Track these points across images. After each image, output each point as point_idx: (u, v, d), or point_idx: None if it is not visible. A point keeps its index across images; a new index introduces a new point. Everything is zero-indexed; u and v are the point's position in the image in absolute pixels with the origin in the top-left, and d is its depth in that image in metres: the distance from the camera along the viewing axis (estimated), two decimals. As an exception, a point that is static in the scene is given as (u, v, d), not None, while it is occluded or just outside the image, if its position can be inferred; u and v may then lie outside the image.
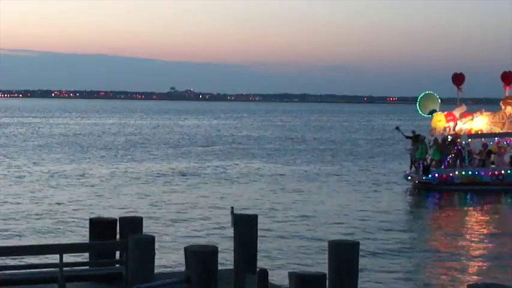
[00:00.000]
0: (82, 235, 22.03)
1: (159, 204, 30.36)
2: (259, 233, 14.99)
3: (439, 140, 36.18)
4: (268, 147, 64.75)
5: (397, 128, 39.00)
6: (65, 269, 12.72)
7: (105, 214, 25.99)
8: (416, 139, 36.43)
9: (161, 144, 65.78)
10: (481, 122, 36.88)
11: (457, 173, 35.56)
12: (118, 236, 14.27)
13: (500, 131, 36.69)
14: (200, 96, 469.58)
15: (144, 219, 14.84)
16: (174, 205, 30.13)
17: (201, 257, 12.31)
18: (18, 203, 29.81)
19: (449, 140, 36.13)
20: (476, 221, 28.81)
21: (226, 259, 16.32)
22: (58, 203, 29.95)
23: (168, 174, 41.28)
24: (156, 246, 13.21)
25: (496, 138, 37.04)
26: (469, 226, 27.69)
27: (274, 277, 15.60)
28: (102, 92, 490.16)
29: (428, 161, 36.13)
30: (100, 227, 14.33)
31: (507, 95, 37.70)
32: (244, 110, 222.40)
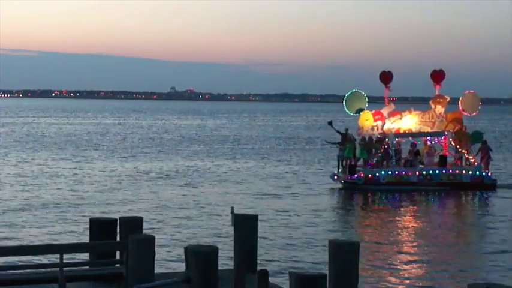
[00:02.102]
0: (82, 235, 22.03)
1: (159, 204, 30.34)
2: (259, 233, 15.02)
3: (366, 139, 35.57)
4: (268, 146, 64.74)
5: (329, 122, 37.80)
6: (65, 269, 12.73)
7: (105, 214, 26.00)
8: (345, 138, 35.67)
9: (161, 144, 65.76)
10: (409, 121, 36.24)
11: (383, 172, 35.03)
12: (118, 236, 14.27)
13: (430, 131, 36.17)
14: (200, 96, 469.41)
15: (144, 219, 14.84)
16: (174, 205, 30.12)
17: (201, 257, 12.32)
18: (18, 203, 29.79)
19: (376, 139, 35.55)
20: (396, 221, 27.83)
21: (226, 259, 16.32)
22: (58, 203, 29.94)
23: (168, 174, 41.25)
24: (156, 246, 13.20)
25: (427, 138, 36.54)
26: (388, 227, 26.68)
27: (274, 277, 15.61)
28: (102, 92, 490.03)
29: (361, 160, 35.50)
30: (100, 227, 14.34)
31: (437, 94, 36.96)
32: (243, 110, 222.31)
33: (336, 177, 36.14)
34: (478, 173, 35.61)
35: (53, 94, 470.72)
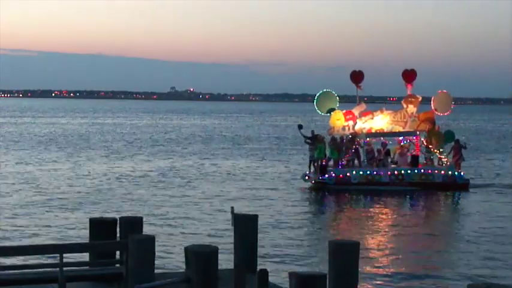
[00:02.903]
0: (82, 235, 22.02)
1: (159, 204, 30.34)
2: (259, 233, 15.02)
3: (337, 139, 35.38)
4: (268, 146, 64.76)
5: (299, 126, 37.30)
6: (65, 269, 12.72)
7: (105, 214, 26.00)
8: (315, 139, 35.43)
9: (161, 144, 65.77)
10: (381, 121, 35.95)
11: (354, 172, 34.76)
12: (118, 236, 14.27)
13: (402, 130, 35.85)
14: (200, 96, 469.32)
15: (144, 219, 14.84)
16: (174, 205, 30.12)
17: (201, 257, 12.32)
18: (17, 203, 29.79)
19: (347, 138, 35.33)
20: (365, 222, 27.39)
21: (226, 259, 16.31)
22: (58, 203, 29.94)
23: (168, 173, 41.26)
24: (156, 246, 13.20)
25: (399, 138, 36.15)
26: (352, 227, 26.44)
27: (274, 277, 15.59)
28: (102, 92, 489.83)
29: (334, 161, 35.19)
30: (100, 227, 14.34)
31: (408, 93, 36.67)
32: (243, 110, 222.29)
33: (307, 177, 35.74)
34: (450, 172, 35.22)
35: (53, 94, 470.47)
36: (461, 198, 33.95)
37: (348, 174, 34.72)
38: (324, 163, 35.16)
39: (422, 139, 35.80)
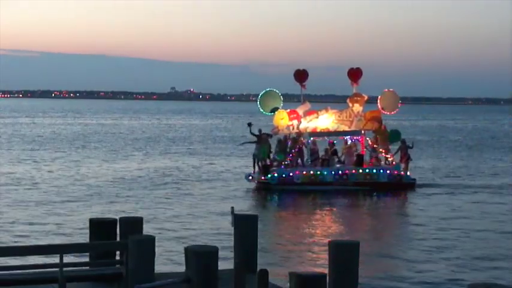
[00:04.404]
0: (82, 235, 22.02)
1: (159, 204, 30.34)
2: (259, 233, 15.01)
3: (282, 139, 35.05)
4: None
5: (249, 124, 36.18)
6: (65, 269, 12.72)
7: (105, 214, 25.99)
8: (260, 138, 34.90)
9: (161, 144, 65.77)
10: (327, 120, 35.59)
11: (297, 172, 34.37)
12: (118, 236, 14.27)
13: (347, 130, 35.53)
14: (200, 96, 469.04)
15: (144, 219, 14.84)
16: (174, 205, 30.12)
17: (201, 257, 12.32)
18: (17, 203, 29.79)
19: (291, 138, 34.98)
20: (303, 223, 27.03)
21: (226, 259, 16.31)
22: (58, 203, 29.95)
23: (168, 173, 41.26)
24: (156, 246, 13.20)
25: (345, 137, 35.78)
26: (291, 228, 26.17)
27: (274, 277, 15.58)
28: (102, 92, 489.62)
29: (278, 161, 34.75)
30: (100, 227, 14.34)
31: (354, 92, 36.30)
32: (243, 111, 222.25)
33: (250, 177, 35.36)
34: (396, 172, 34.94)
35: (53, 94, 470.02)
36: (407, 198, 33.71)
37: (291, 174, 34.26)
38: (267, 163, 34.79)
39: (367, 139, 35.55)
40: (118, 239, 14.21)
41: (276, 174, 34.26)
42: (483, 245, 23.24)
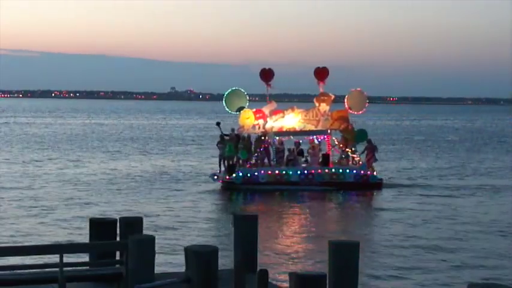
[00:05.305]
0: (82, 235, 22.02)
1: (159, 204, 30.34)
2: (260, 233, 15.00)
3: (246, 137, 34.84)
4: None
5: (217, 123, 36.14)
6: (65, 269, 12.72)
7: (105, 214, 26.00)
8: (230, 137, 34.84)
9: (161, 144, 65.76)
10: (293, 120, 35.47)
11: (262, 172, 34.16)
12: (118, 236, 14.26)
13: (314, 129, 35.31)
14: (200, 96, 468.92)
15: (144, 219, 14.83)
16: (174, 205, 30.12)
17: (201, 257, 12.31)
18: (17, 203, 29.79)
19: (257, 138, 34.84)
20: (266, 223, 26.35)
21: (226, 259, 16.31)
22: (58, 203, 29.94)
23: (168, 173, 41.25)
24: (156, 246, 13.20)
25: (311, 137, 35.53)
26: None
27: (274, 277, 15.60)
28: (102, 92, 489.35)
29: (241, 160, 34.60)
30: (100, 227, 14.33)
31: (321, 91, 36.20)
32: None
33: (215, 177, 35.16)
34: (362, 172, 34.77)
35: (53, 94, 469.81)
36: (373, 197, 33.60)
37: (255, 173, 34.11)
38: (232, 163, 34.64)
39: (333, 138, 35.43)
40: (118, 239, 14.20)
41: (240, 174, 34.09)
42: (483, 245, 23.25)
